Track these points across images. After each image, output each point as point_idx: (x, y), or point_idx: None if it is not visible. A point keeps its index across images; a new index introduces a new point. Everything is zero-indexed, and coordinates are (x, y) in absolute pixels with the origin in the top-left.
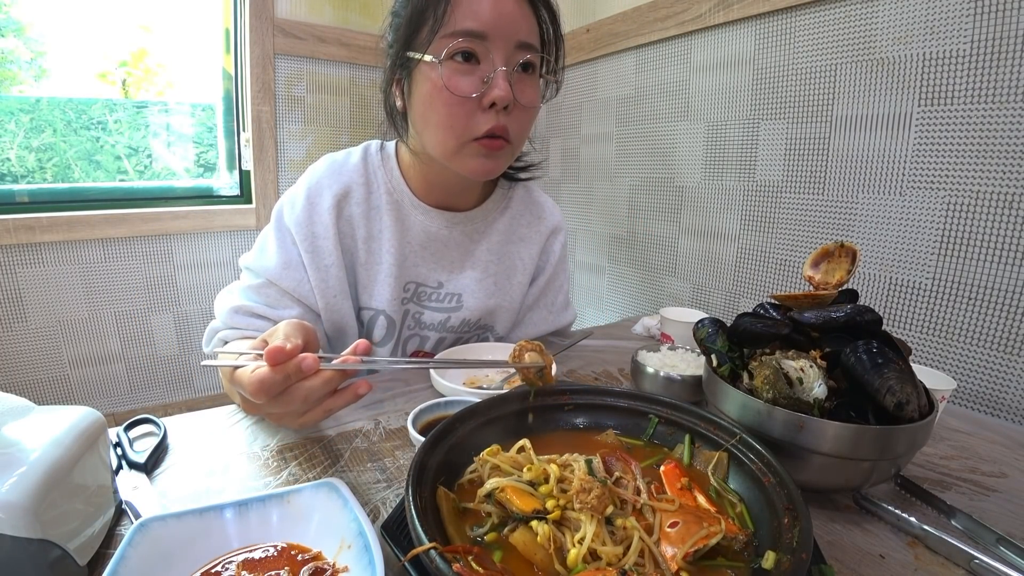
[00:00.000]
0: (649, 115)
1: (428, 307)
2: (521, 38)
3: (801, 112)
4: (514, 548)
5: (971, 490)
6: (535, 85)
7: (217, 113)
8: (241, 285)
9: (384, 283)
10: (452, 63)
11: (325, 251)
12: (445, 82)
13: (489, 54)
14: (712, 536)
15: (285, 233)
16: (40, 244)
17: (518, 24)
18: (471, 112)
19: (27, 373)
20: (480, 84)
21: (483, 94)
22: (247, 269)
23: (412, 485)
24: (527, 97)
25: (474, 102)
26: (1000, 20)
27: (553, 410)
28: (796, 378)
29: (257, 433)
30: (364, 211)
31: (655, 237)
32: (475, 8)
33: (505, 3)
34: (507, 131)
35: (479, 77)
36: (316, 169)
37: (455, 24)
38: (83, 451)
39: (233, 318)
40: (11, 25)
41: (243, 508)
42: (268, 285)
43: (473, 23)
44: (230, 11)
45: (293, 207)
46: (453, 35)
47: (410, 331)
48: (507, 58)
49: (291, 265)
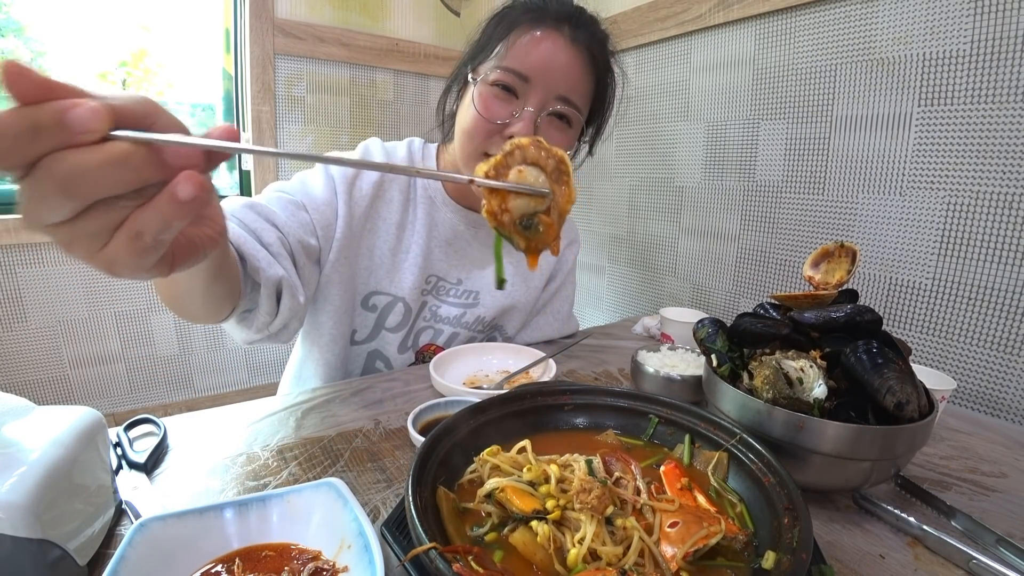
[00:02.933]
0: (649, 115)
1: (446, 301)
2: (563, 92)
3: (801, 112)
4: (514, 548)
5: (971, 490)
6: (566, 135)
7: (217, 113)
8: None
9: (408, 271)
10: (491, 87)
11: (357, 208)
12: (475, 100)
13: (526, 94)
14: (712, 536)
15: (329, 179)
16: (40, 244)
17: (564, 78)
18: (492, 133)
19: (27, 373)
20: (507, 114)
21: (507, 123)
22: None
23: (412, 485)
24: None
25: (498, 128)
26: (1000, 20)
27: (553, 410)
28: (796, 378)
29: (257, 433)
30: (403, 200)
31: (655, 237)
32: (528, 51)
33: (559, 56)
34: None
35: (510, 109)
36: (369, 147)
37: (507, 60)
38: (83, 451)
39: (245, 212)
40: (11, 25)
41: (243, 508)
42: (301, 207)
43: (520, 64)
44: (230, 11)
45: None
46: (502, 69)
47: (425, 322)
48: (541, 104)
49: (330, 204)
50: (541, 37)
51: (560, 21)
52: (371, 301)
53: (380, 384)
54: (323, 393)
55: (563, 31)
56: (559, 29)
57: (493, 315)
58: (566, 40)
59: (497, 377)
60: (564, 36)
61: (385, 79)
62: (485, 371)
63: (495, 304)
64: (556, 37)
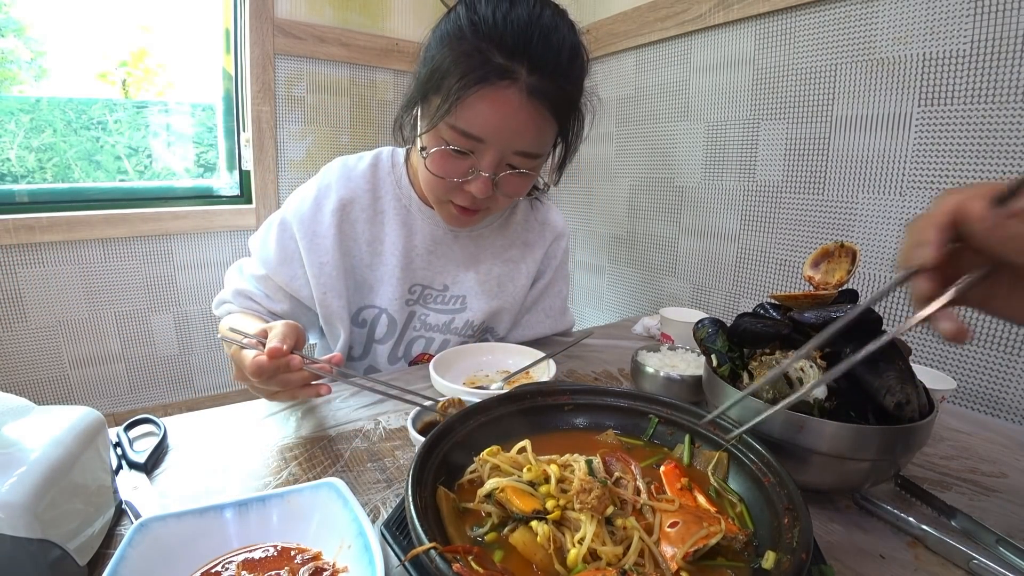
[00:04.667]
0: (649, 115)
1: (433, 309)
2: (520, 147)
3: (801, 112)
4: (514, 548)
5: (971, 490)
6: (525, 181)
7: (217, 113)
8: (247, 270)
9: (388, 283)
10: (443, 150)
11: (323, 249)
12: (429, 164)
13: (482, 153)
14: (712, 536)
15: (286, 229)
16: (40, 244)
17: (522, 136)
18: (452, 187)
19: (27, 373)
20: (464, 173)
21: (464, 182)
22: (255, 255)
23: (412, 485)
24: (510, 191)
25: (456, 184)
26: (1000, 20)
27: (553, 410)
28: (796, 378)
29: (257, 433)
30: (369, 216)
31: (655, 237)
32: (482, 114)
33: (517, 117)
34: (483, 206)
35: (466, 167)
36: (329, 171)
37: (457, 119)
38: (83, 451)
39: (236, 298)
40: (11, 25)
41: (243, 508)
42: (267, 278)
43: (474, 128)
44: (230, 11)
45: (302, 203)
46: (453, 129)
47: (416, 332)
48: (497, 163)
49: (287, 262)
50: (495, 96)
51: (516, 60)
52: (360, 316)
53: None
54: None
55: (519, 80)
56: (513, 79)
57: (482, 318)
58: (523, 94)
59: (497, 377)
60: (520, 89)
61: (385, 79)
62: (485, 371)
63: (483, 307)
64: (512, 93)
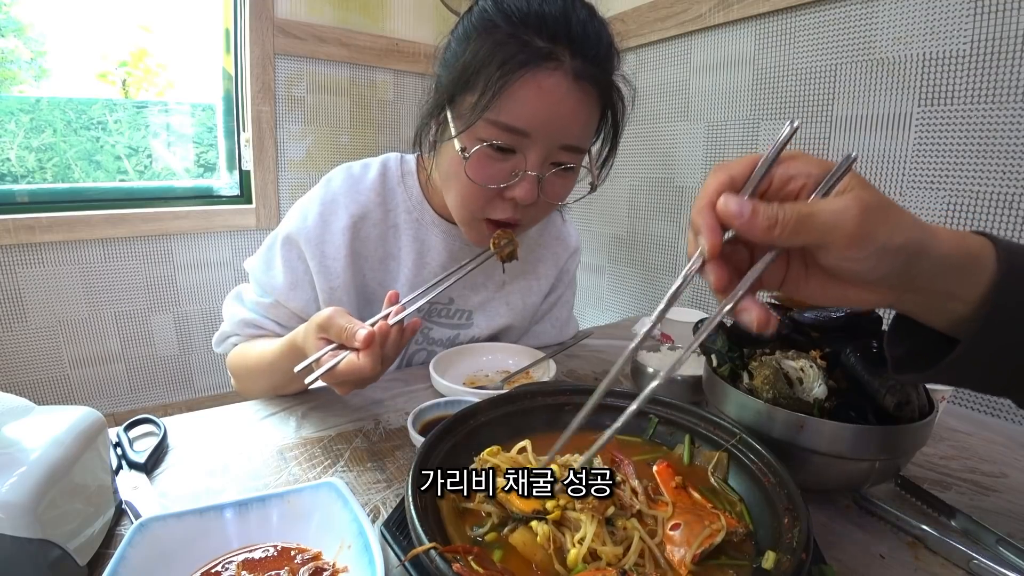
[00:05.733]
0: (649, 115)
1: (438, 323)
2: (568, 141)
3: (801, 112)
4: (514, 548)
5: (971, 490)
6: (569, 182)
7: (217, 113)
8: (250, 297)
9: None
10: (484, 148)
11: (334, 272)
12: (469, 169)
13: (525, 151)
14: (716, 534)
15: (292, 248)
16: (40, 244)
17: (570, 127)
18: (491, 198)
19: (27, 373)
20: (507, 176)
21: (507, 186)
22: (256, 283)
23: (412, 485)
24: (553, 195)
25: (496, 191)
26: (1000, 20)
27: (553, 410)
28: (796, 378)
29: (257, 433)
30: (381, 232)
31: (655, 237)
32: (528, 104)
33: (565, 105)
34: (521, 220)
35: (509, 169)
36: (332, 182)
37: (499, 113)
38: (83, 451)
39: (243, 329)
40: (11, 25)
41: (243, 508)
42: (276, 305)
43: (519, 121)
44: (230, 11)
45: (305, 219)
46: (494, 124)
47: (418, 345)
48: (544, 159)
49: (298, 285)
50: (540, 82)
51: (558, 44)
52: None
53: (380, 384)
54: (323, 393)
55: (564, 63)
56: (559, 61)
57: (488, 335)
58: (569, 79)
59: (497, 377)
60: (566, 73)
61: (385, 79)
62: (485, 371)
63: (491, 324)
64: (558, 78)
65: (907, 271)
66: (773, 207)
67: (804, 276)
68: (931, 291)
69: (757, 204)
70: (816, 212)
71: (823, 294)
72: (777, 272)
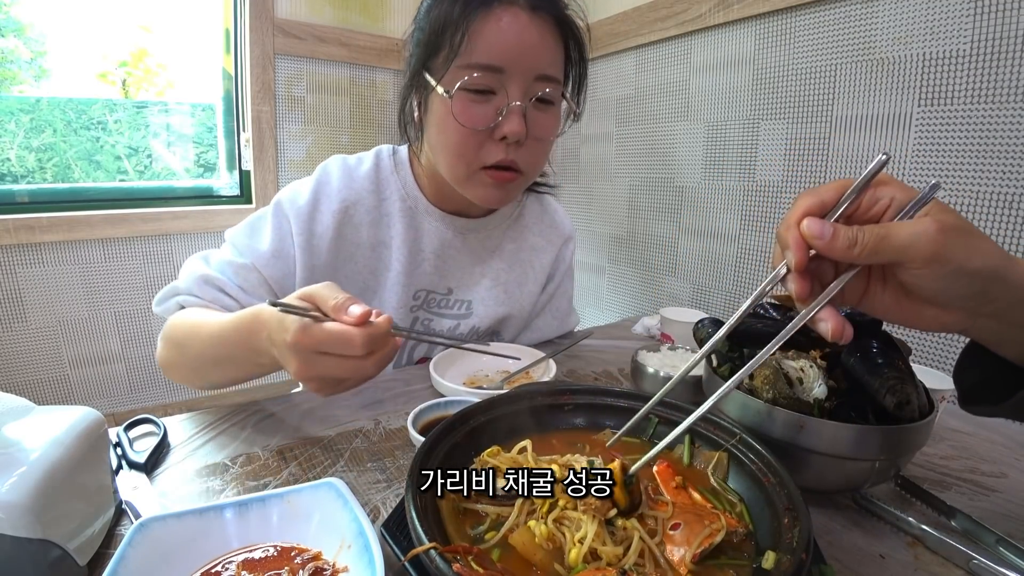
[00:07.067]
0: (649, 115)
1: (438, 313)
2: (541, 71)
3: (801, 112)
4: (514, 548)
5: (971, 490)
6: (553, 116)
7: (217, 113)
8: (220, 256)
9: (392, 290)
10: (465, 94)
11: (318, 251)
12: (456, 114)
13: (505, 87)
14: (716, 534)
15: (283, 220)
16: (40, 244)
17: (539, 56)
18: (482, 142)
19: (27, 373)
20: (493, 116)
21: (495, 127)
22: (233, 245)
23: (412, 485)
24: (542, 130)
25: (486, 132)
26: (1000, 20)
27: (553, 410)
28: (796, 378)
29: (257, 433)
30: (374, 218)
31: (655, 237)
32: (494, 40)
33: (528, 34)
34: (517, 163)
35: (493, 109)
36: (328, 169)
37: (471, 56)
38: (83, 451)
39: (201, 288)
40: (11, 25)
41: (243, 508)
42: (251, 269)
43: (490, 57)
44: (230, 11)
45: (297, 198)
46: (468, 67)
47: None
48: (523, 92)
49: (282, 255)
50: (500, 17)
51: None
52: None
53: (380, 384)
54: None
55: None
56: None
57: (488, 325)
58: (527, 11)
59: (497, 377)
60: (522, 7)
61: (385, 79)
62: (485, 371)
63: (490, 314)
64: (515, 12)
65: (983, 295)
66: (853, 229)
67: (881, 292)
68: (1007, 319)
69: (838, 227)
70: (894, 233)
71: (899, 310)
72: (858, 287)
